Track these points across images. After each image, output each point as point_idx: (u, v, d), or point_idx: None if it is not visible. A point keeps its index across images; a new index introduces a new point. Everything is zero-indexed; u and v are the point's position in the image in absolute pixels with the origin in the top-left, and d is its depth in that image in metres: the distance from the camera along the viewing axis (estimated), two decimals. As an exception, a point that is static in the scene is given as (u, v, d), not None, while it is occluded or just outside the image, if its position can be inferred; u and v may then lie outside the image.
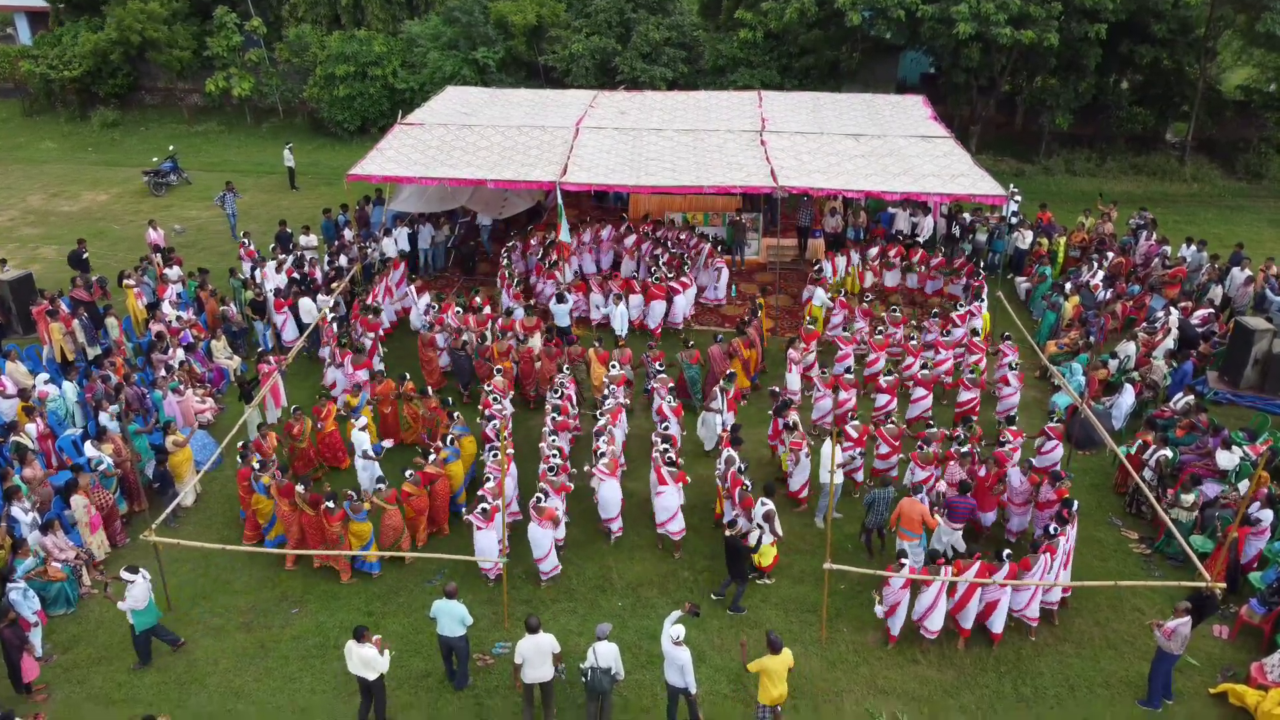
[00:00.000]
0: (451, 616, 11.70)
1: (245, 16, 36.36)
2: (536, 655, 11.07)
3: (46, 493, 14.65)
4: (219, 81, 35.89)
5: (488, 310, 19.50)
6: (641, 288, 20.67)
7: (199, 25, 36.92)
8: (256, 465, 14.32)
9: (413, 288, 20.93)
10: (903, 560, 12.56)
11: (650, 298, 20.50)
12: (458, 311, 19.23)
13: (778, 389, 17.08)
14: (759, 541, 13.23)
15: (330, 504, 13.74)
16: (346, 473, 16.24)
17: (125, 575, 12.34)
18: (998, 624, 12.73)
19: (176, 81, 38.30)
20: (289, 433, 15.71)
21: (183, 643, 12.83)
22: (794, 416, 15.67)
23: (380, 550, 14.03)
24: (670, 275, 21.03)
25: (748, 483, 13.81)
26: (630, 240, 23.02)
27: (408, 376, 17.26)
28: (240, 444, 15.12)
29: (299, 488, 13.92)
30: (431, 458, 14.84)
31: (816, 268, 21.23)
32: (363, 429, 15.61)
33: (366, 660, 11.07)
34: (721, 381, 16.67)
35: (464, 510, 14.01)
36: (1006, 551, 12.62)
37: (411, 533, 14.47)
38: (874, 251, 22.51)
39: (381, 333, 19.84)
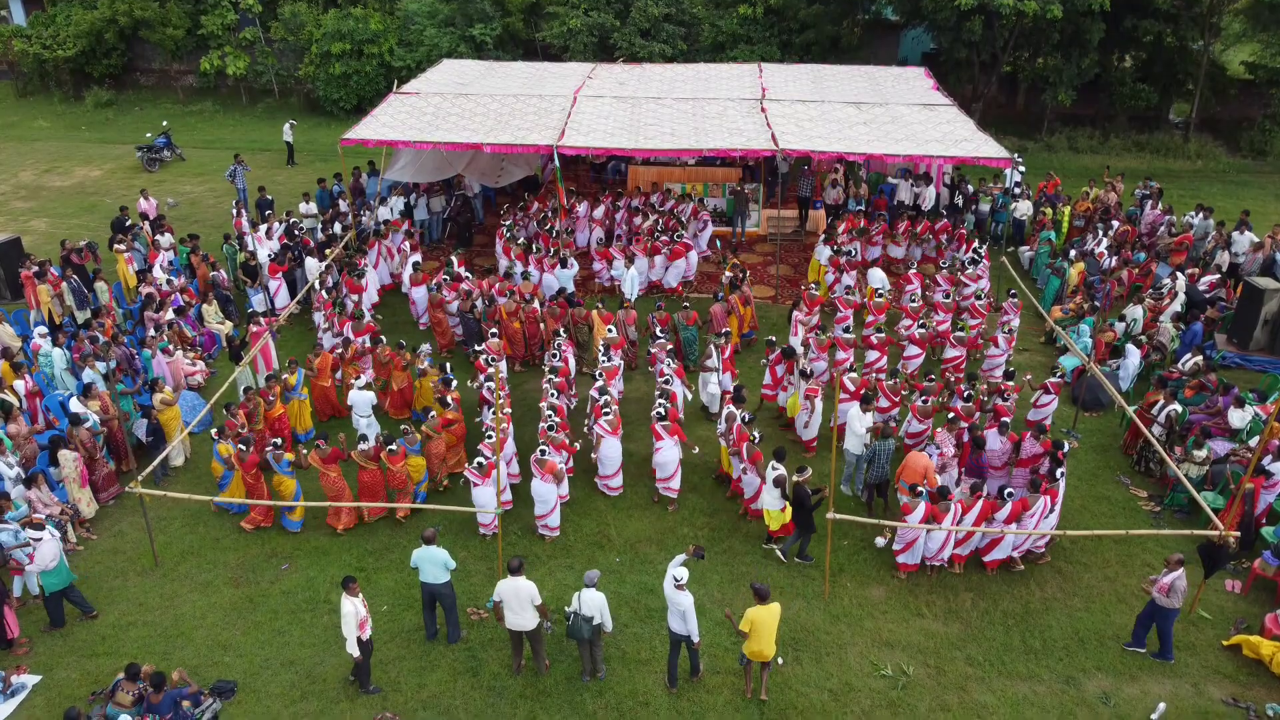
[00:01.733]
0: (434, 563, 11.36)
1: (240, -6, 36.06)
2: (515, 599, 10.73)
3: (32, 449, 14.33)
4: (213, 60, 35.57)
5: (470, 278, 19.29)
6: (659, 247, 20.57)
7: (193, 4, 36.53)
8: (278, 444, 13.83)
9: (407, 244, 20.65)
10: (919, 490, 12.28)
11: (674, 256, 20.51)
12: (446, 277, 18.98)
13: (774, 338, 16.80)
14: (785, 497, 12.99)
15: (393, 446, 13.63)
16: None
17: (31, 533, 11.76)
18: (998, 554, 12.79)
19: (171, 62, 37.95)
20: (244, 413, 14.93)
21: (94, 614, 12.25)
22: (806, 365, 15.43)
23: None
24: (678, 236, 20.94)
25: (755, 435, 13.48)
26: (599, 211, 22.69)
27: (353, 340, 16.94)
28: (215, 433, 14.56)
29: (362, 445, 13.71)
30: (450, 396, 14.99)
31: (846, 257, 20.55)
32: (363, 388, 15.28)
33: (343, 614, 10.70)
34: (714, 338, 16.39)
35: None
36: (1009, 490, 12.41)
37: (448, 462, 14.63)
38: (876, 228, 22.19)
39: (377, 295, 19.66)
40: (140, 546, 13.49)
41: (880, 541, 13.16)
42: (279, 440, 14.07)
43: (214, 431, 14.27)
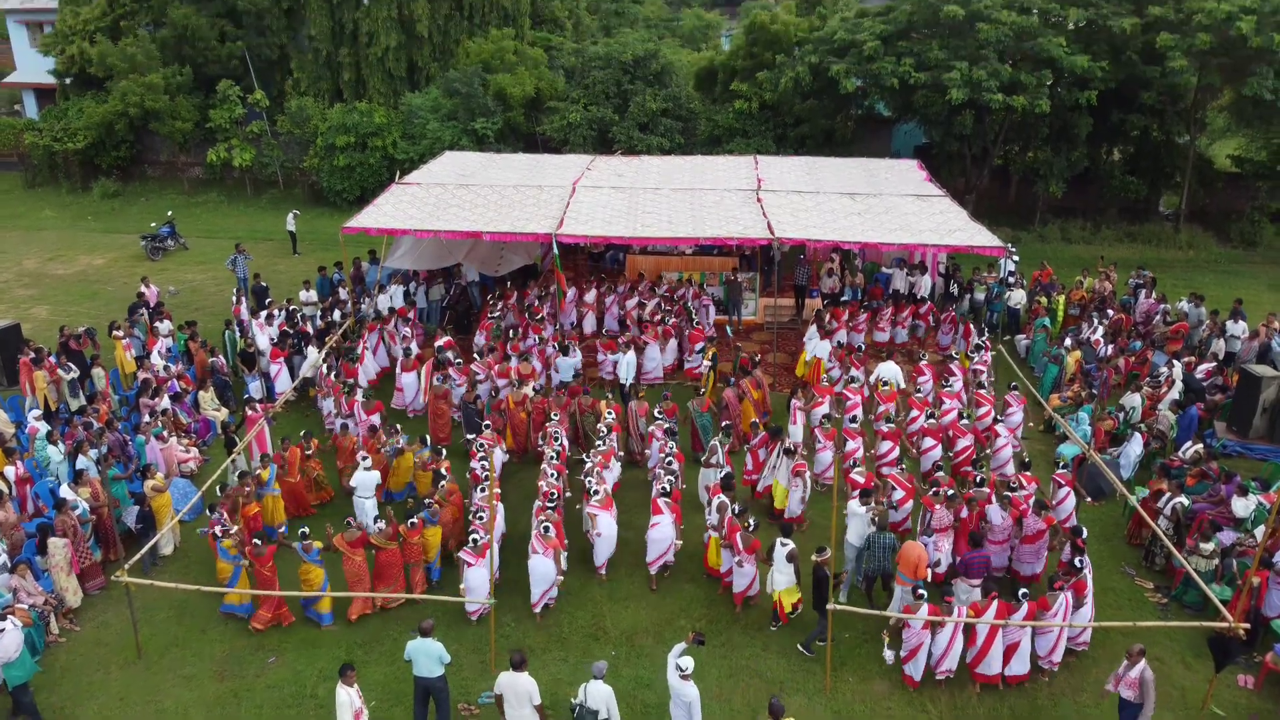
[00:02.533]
0: (429, 656, 11.08)
1: (248, 90, 36.97)
2: (513, 695, 10.43)
3: (19, 538, 14.08)
4: (220, 152, 36.28)
5: (486, 359, 19.36)
6: (670, 331, 20.91)
7: (202, 98, 37.44)
8: (306, 533, 13.40)
9: (408, 329, 20.70)
10: (920, 593, 12.01)
11: (694, 339, 20.98)
12: (458, 361, 19.14)
13: (757, 421, 16.74)
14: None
15: (413, 520, 13.70)
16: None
17: None
18: (1020, 666, 12.22)
19: (178, 154, 38.72)
20: (225, 510, 14.49)
21: None
22: (790, 443, 15.45)
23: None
24: (696, 322, 21.51)
25: (750, 522, 13.30)
26: (590, 295, 22.82)
27: (363, 419, 17.01)
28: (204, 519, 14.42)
29: (379, 524, 13.73)
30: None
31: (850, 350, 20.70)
32: (368, 469, 15.13)
33: (338, 704, 10.37)
34: (720, 435, 16.21)
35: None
36: (1023, 591, 12.13)
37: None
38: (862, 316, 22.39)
39: (367, 381, 19.65)
40: (124, 637, 13.16)
41: (889, 656, 12.70)
42: (307, 529, 13.57)
43: (217, 530, 13.81)
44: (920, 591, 12.12)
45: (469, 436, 16.67)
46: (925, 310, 22.23)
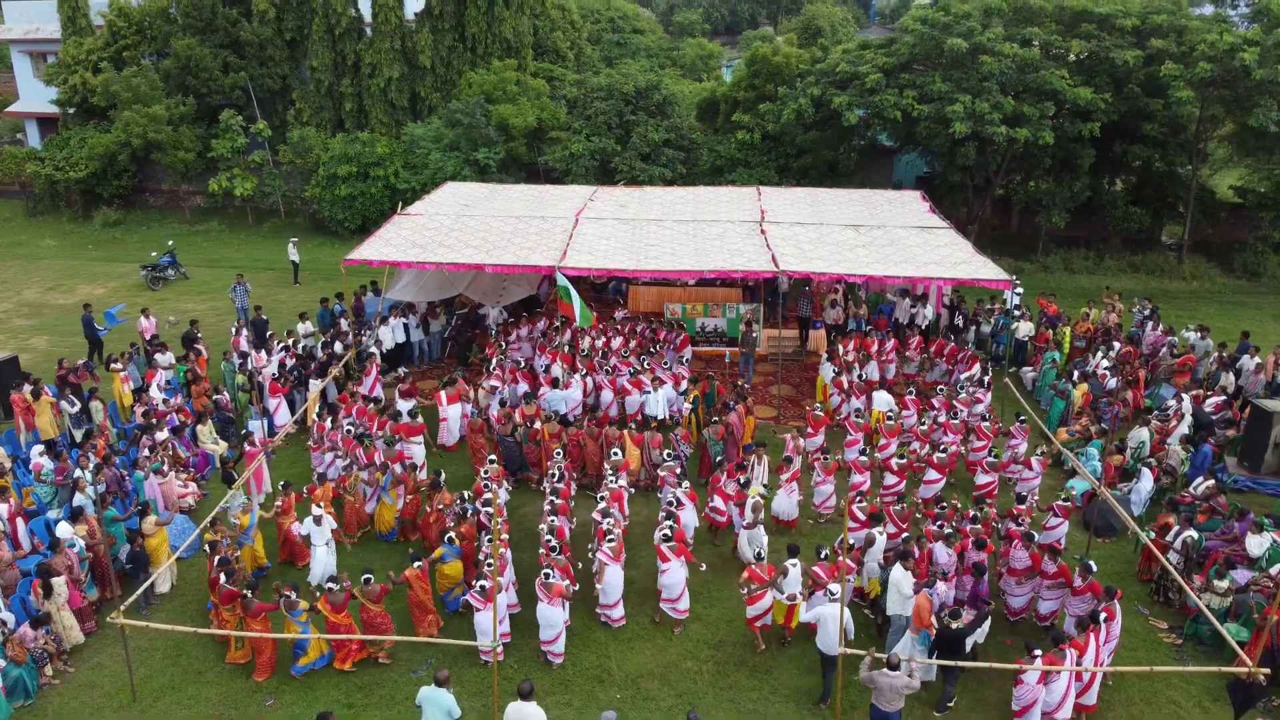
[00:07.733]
0: (438, 706, 10.84)
1: (250, 120, 37.04)
2: None
3: (13, 576, 13.84)
4: (222, 182, 36.27)
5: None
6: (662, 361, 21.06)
7: (204, 128, 37.49)
8: (291, 596, 12.89)
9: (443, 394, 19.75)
10: (1035, 653, 11.54)
11: (682, 346, 22.03)
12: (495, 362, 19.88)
13: (721, 458, 17.08)
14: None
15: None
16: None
17: None
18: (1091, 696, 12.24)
19: (180, 183, 38.73)
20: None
21: None
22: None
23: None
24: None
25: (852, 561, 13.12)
26: (527, 331, 22.89)
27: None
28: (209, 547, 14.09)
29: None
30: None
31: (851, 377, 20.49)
32: (318, 519, 14.62)
33: None
34: (750, 501, 15.26)
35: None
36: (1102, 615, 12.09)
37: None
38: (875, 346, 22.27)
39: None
40: (119, 680, 12.89)
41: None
42: (293, 591, 13.05)
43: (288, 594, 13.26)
44: (1034, 653, 11.60)
45: (483, 470, 16.32)
46: (938, 345, 22.12)
